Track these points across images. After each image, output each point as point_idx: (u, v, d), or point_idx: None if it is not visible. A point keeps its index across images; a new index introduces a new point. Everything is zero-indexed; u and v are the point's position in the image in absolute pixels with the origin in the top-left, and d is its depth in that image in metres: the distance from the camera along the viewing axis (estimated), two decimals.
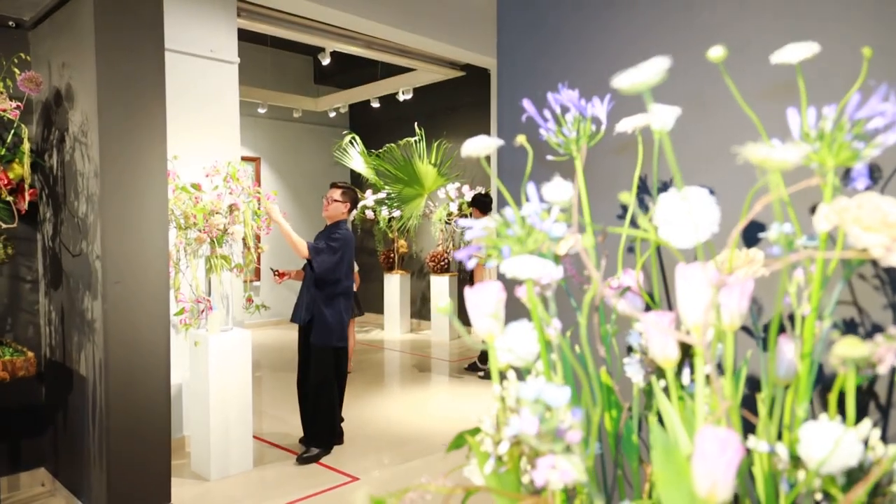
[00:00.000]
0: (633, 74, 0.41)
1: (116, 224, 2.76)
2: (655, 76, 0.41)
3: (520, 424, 0.42)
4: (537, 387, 0.43)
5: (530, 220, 0.56)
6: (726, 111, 0.91)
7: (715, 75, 0.90)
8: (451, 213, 7.79)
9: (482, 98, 7.75)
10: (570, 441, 0.43)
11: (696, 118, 0.95)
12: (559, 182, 0.55)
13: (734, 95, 0.62)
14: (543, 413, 0.43)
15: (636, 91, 0.43)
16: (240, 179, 3.49)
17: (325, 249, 3.70)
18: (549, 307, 0.62)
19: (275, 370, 6.46)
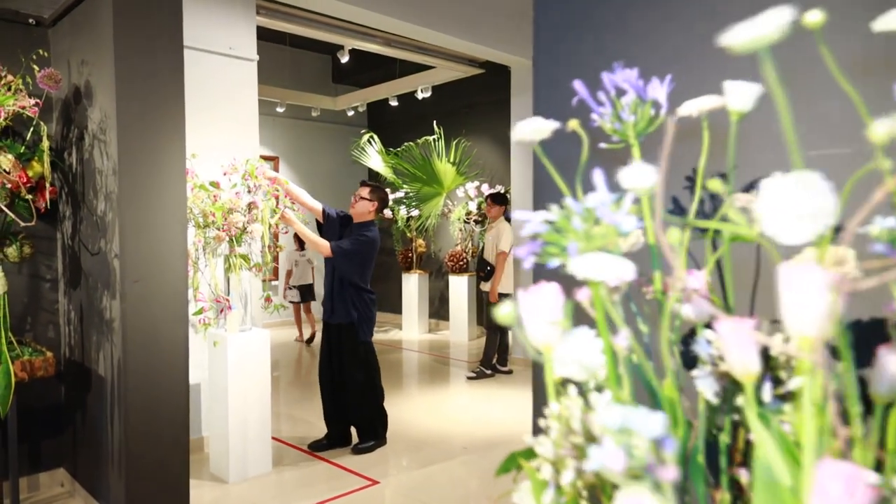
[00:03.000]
0: (750, 28, 0.34)
1: (135, 222, 2.72)
2: (777, 30, 0.33)
3: (603, 457, 0.34)
4: (622, 413, 0.36)
5: (598, 211, 0.48)
6: (808, 89, 0.82)
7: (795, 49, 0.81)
8: (469, 213, 7.71)
9: (502, 96, 7.65)
10: (662, 478, 0.35)
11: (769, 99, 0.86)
12: (639, 167, 0.47)
13: (828, 70, 0.53)
14: (629, 445, 0.35)
15: (751, 49, 0.35)
16: (258, 177, 3.44)
17: (350, 250, 3.65)
18: (614, 313, 0.55)
19: (292, 370, 6.43)
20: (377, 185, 3.99)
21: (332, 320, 3.82)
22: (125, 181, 2.70)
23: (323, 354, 3.93)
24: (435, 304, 8.98)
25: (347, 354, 3.79)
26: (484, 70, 7.19)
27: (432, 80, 7.46)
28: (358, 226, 3.86)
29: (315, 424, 4.44)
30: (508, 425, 4.55)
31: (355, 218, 3.88)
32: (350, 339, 3.78)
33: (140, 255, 2.73)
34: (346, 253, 3.67)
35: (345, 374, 3.80)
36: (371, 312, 3.83)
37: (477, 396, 5.39)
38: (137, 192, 2.73)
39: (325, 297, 3.91)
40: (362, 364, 3.78)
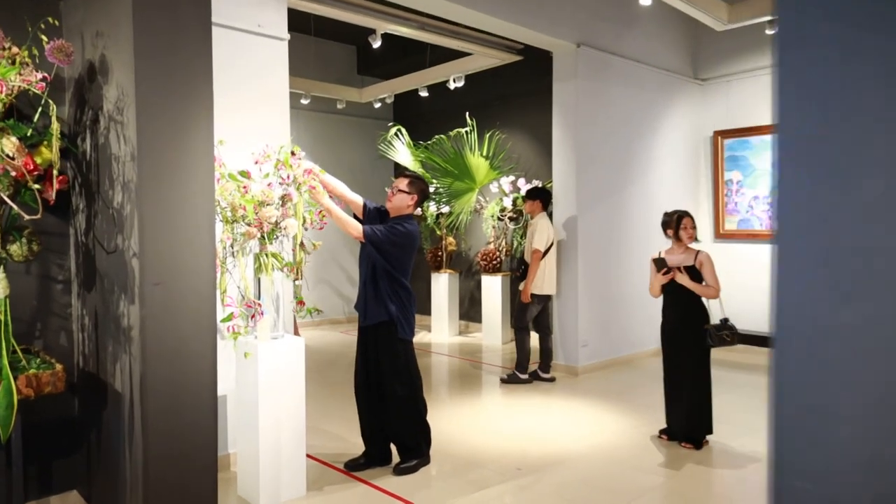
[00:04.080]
0: None
1: (156, 217, 2.36)
2: None
3: None
4: None
5: None
6: None
7: None
8: (504, 209, 7.30)
9: (540, 84, 7.22)
10: None
11: None
12: None
13: None
14: None
15: None
16: (293, 166, 3.07)
17: (385, 237, 3.27)
18: None
19: (324, 378, 6.06)
20: (417, 175, 3.60)
21: (367, 322, 3.45)
22: (145, 169, 2.33)
23: (358, 363, 3.56)
24: (465, 304, 8.58)
25: (386, 358, 3.41)
26: (522, 57, 6.77)
27: (466, 69, 7.06)
28: (395, 219, 3.48)
29: (350, 440, 4.07)
30: (561, 441, 4.13)
31: (392, 212, 3.50)
32: (387, 338, 3.40)
33: (161, 254, 2.36)
34: (380, 239, 3.29)
35: (384, 386, 3.42)
36: (410, 310, 3.45)
37: (519, 407, 4.98)
38: (159, 182, 2.36)
39: (358, 298, 3.53)
40: (402, 372, 3.40)
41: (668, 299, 4.02)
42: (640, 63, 6.47)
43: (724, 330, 3.82)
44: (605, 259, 6.19)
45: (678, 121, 7.03)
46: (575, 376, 5.86)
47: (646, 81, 6.58)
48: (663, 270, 3.88)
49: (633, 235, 6.50)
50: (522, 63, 7.00)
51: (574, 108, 5.84)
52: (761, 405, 4.90)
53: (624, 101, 6.34)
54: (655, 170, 6.76)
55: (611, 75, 6.18)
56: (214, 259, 2.49)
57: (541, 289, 5.68)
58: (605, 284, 6.20)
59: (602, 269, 6.16)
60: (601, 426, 4.46)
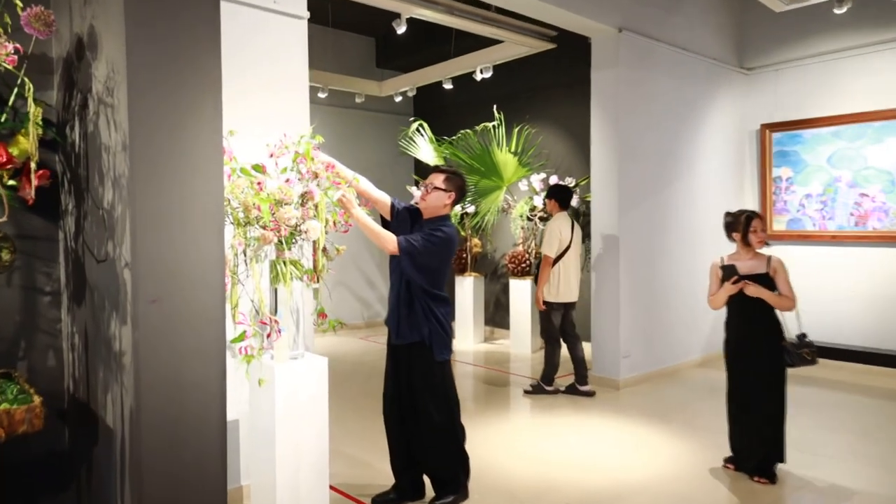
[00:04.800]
0: None
1: (152, 218, 1.94)
2: None
3: None
4: None
5: None
6: None
7: None
8: (534, 208, 6.84)
9: (574, 75, 6.76)
10: None
11: None
12: None
13: None
14: None
15: None
16: (314, 159, 2.64)
17: (422, 247, 2.85)
18: None
19: (344, 390, 5.63)
20: (454, 170, 3.17)
21: (399, 341, 3.02)
22: (139, 160, 1.91)
23: (388, 385, 3.14)
24: (490, 309, 8.14)
25: (420, 382, 2.99)
26: (555, 45, 6.30)
27: (494, 58, 6.61)
28: (430, 222, 3.06)
29: (376, 466, 3.65)
30: (611, 471, 3.68)
31: (426, 213, 3.08)
32: (422, 360, 2.98)
33: (159, 265, 1.94)
34: (417, 250, 2.86)
35: (418, 412, 2.99)
36: (447, 326, 3.02)
37: (558, 426, 4.53)
38: (156, 177, 1.94)
39: (388, 313, 3.11)
40: (439, 396, 2.97)
41: (735, 311, 3.54)
42: (683, 50, 5.99)
43: (804, 347, 3.35)
44: (647, 262, 5.72)
45: (722, 113, 6.53)
46: (616, 390, 5.39)
47: (688, 70, 6.09)
48: (733, 279, 3.41)
49: (675, 237, 6.02)
50: (554, 52, 6.54)
51: (615, 98, 5.37)
52: (838, 427, 4.40)
53: (666, 92, 5.85)
54: (698, 166, 6.27)
55: (653, 63, 5.70)
56: (224, 269, 2.06)
57: (556, 296, 5.23)
58: (647, 290, 5.73)
59: (644, 273, 5.69)
60: (654, 452, 4.00)
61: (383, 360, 3.10)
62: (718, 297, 3.53)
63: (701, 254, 6.26)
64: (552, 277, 5.23)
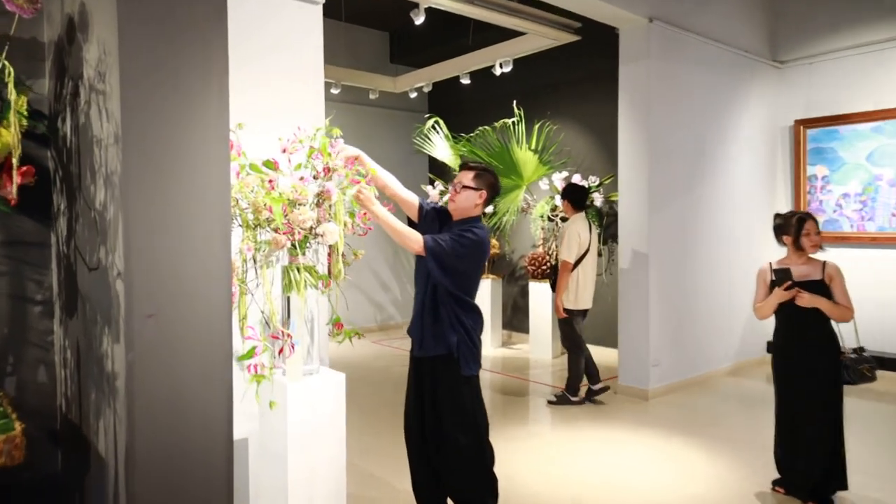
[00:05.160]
0: None
1: (149, 220, 1.69)
2: None
3: None
4: None
5: None
6: None
7: None
8: (555, 208, 6.56)
9: (598, 69, 6.48)
10: None
11: None
12: None
13: None
14: None
15: None
16: (331, 155, 2.39)
17: (450, 249, 2.58)
18: None
19: (358, 398, 5.37)
20: (484, 166, 2.90)
21: (422, 353, 2.76)
22: (133, 155, 1.66)
23: (410, 401, 2.87)
24: (507, 312, 7.87)
25: (445, 400, 2.72)
26: (579, 37, 6.02)
27: (515, 52, 6.33)
28: (460, 223, 2.79)
29: (395, 485, 3.39)
30: (647, 493, 3.40)
31: (456, 215, 2.81)
32: (448, 375, 2.71)
33: (156, 274, 1.69)
34: (444, 251, 2.60)
35: (443, 432, 2.73)
36: (476, 337, 2.76)
37: (585, 441, 4.25)
38: (152, 173, 1.69)
39: (412, 322, 2.85)
40: (466, 415, 2.70)
41: (786, 321, 3.25)
42: (714, 42, 5.68)
43: (864, 363, 3.05)
44: (677, 264, 5.43)
45: (753, 109, 6.22)
46: (644, 401, 5.10)
47: (719, 63, 5.79)
48: (786, 285, 3.12)
49: (705, 238, 5.72)
50: (577, 45, 6.26)
51: (645, 92, 5.08)
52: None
53: (696, 86, 5.56)
54: (729, 165, 5.97)
55: (683, 56, 5.41)
56: (230, 278, 1.81)
57: (575, 303, 4.96)
58: (678, 294, 5.43)
59: (674, 277, 5.39)
60: (692, 471, 3.71)
61: (397, 366, 2.86)
62: (767, 304, 3.24)
63: (731, 256, 5.96)
64: (570, 283, 4.96)
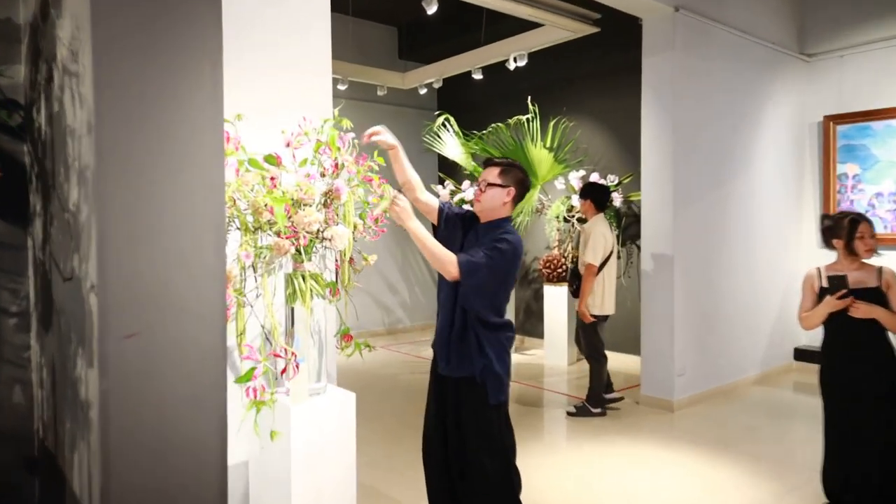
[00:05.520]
0: None
1: (128, 223, 1.43)
2: None
3: None
4: None
5: None
6: None
7: None
8: (571, 208, 6.29)
9: (617, 63, 6.21)
10: None
11: None
12: None
13: None
14: None
15: None
16: (340, 149, 2.13)
17: (486, 266, 2.32)
18: None
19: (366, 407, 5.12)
20: (510, 161, 2.64)
21: (448, 372, 2.49)
22: (109, 146, 1.40)
23: (431, 421, 2.61)
24: (520, 316, 7.60)
25: (470, 426, 2.46)
26: (598, 29, 5.75)
27: (530, 45, 6.07)
28: (488, 227, 2.53)
29: None
30: None
31: (483, 216, 2.55)
32: (473, 401, 2.45)
33: (136, 287, 1.43)
34: (480, 270, 2.33)
35: (467, 459, 2.47)
36: (507, 361, 2.50)
37: (609, 457, 3.98)
38: (132, 167, 1.43)
39: (437, 337, 2.58)
40: (493, 441, 2.44)
41: (836, 333, 2.98)
42: (741, 33, 5.40)
43: None
44: (703, 268, 5.15)
45: (780, 104, 5.93)
46: (669, 412, 4.83)
47: (745, 56, 5.51)
48: (839, 293, 2.84)
49: (731, 240, 5.44)
50: (595, 38, 5.99)
51: (670, 86, 4.81)
52: None
53: (723, 80, 5.28)
54: (756, 162, 5.68)
55: (709, 48, 5.13)
56: (224, 291, 1.56)
57: (601, 308, 4.69)
58: (704, 299, 5.15)
59: (700, 280, 5.11)
60: (725, 491, 3.44)
61: (405, 373, 2.60)
62: (816, 314, 2.97)
63: (756, 257, 5.68)
64: (596, 287, 4.69)
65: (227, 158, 1.98)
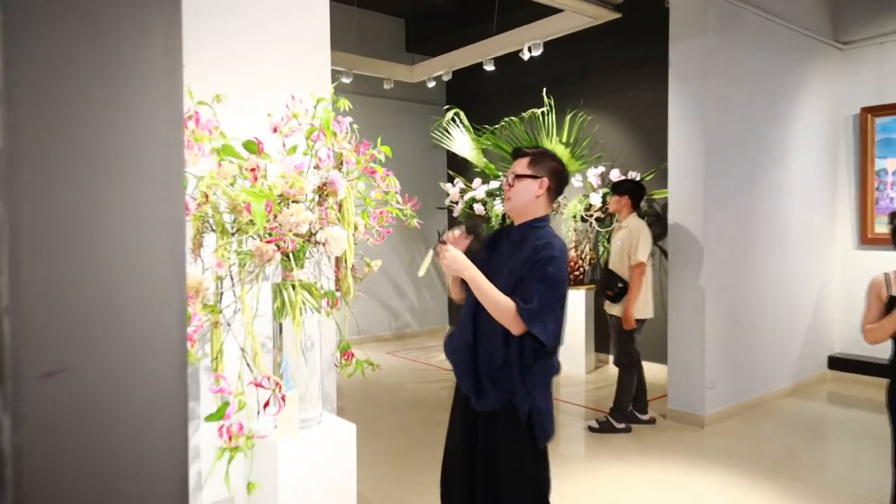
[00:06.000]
0: None
1: (52, 225, 1.08)
2: None
3: None
4: None
5: None
6: None
7: None
8: (590, 207, 5.92)
9: (639, 51, 5.84)
10: None
11: None
12: None
13: None
14: None
15: None
16: (336, 134, 1.78)
17: (548, 305, 1.94)
18: None
19: (371, 426, 4.78)
20: (541, 148, 2.27)
21: (479, 405, 2.10)
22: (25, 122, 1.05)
23: (455, 457, 2.22)
24: None
25: (509, 469, 2.05)
26: (620, 14, 5.38)
27: (547, 33, 5.70)
28: (523, 231, 2.14)
29: None
30: None
31: (516, 216, 2.18)
32: (518, 443, 2.05)
33: (63, 309, 1.09)
34: (546, 314, 1.94)
35: (499, 497, 2.09)
36: (550, 388, 2.12)
37: (639, 481, 3.61)
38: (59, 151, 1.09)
39: (456, 354, 2.16)
40: (529, 486, 2.07)
41: None
42: (775, 18, 5.01)
43: None
44: (735, 271, 4.77)
45: (813, 94, 5.54)
46: (700, 429, 4.45)
47: (778, 43, 5.12)
48: None
49: (765, 241, 5.06)
50: (615, 25, 5.61)
51: (700, 74, 4.43)
52: None
53: (755, 68, 4.90)
54: (789, 158, 5.29)
55: (741, 34, 4.75)
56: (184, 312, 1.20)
57: (643, 311, 4.33)
58: (736, 305, 4.78)
59: (732, 285, 4.74)
60: None
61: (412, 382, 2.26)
62: (884, 327, 2.59)
63: (789, 259, 5.29)
64: (647, 280, 4.37)
65: (202, 145, 1.63)
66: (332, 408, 2.38)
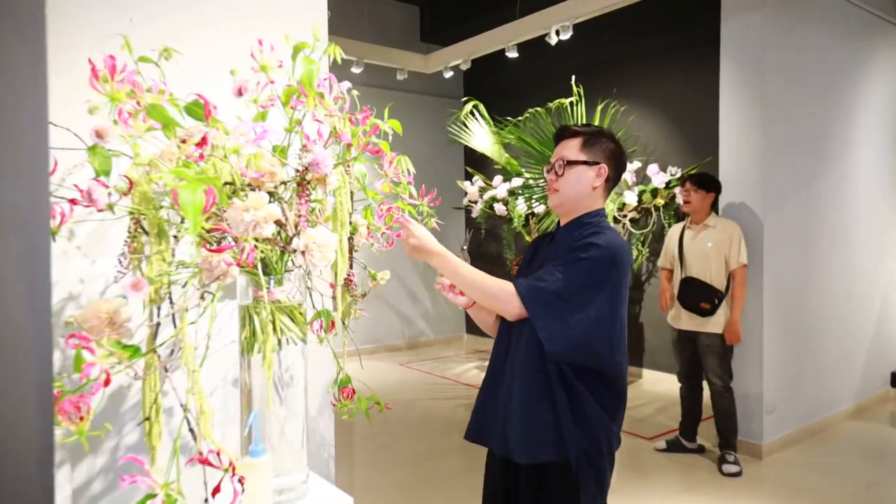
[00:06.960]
0: None
1: None
2: None
3: None
4: None
5: None
6: None
7: None
8: (624, 206, 5.37)
9: (678, 35, 5.29)
10: None
11: None
12: None
13: None
14: None
15: None
16: (328, 101, 1.27)
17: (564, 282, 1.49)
18: None
19: (378, 458, 4.27)
20: (594, 128, 1.76)
21: (514, 456, 1.59)
22: None
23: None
24: None
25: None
26: None
27: (576, 14, 5.16)
28: (570, 230, 1.66)
29: None
30: None
31: (563, 212, 1.70)
32: (569, 498, 1.56)
33: None
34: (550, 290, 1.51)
35: None
36: (610, 439, 1.61)
37: None
38: None
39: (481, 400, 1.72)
40: None
41: None
42: None
43: None
44: (797, 281, 4.20)
45: (879, 82, 4.94)
46: (758, 460, 3.89)
47: (843, 22, 4.55)
48: None
49: (827, 247, 4.48)
50: (653, 4, 5.06)
51: (759, 53, 3.88)
52: None
53: (818, 51, 4.33)
54: (853, 153, 4.71)
55: (803, 10, 4.18)
56: (51, 360, 0.69)
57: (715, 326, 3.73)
58: (798, 319, 4.20)
59: (793, 297, 4.17)
60: None
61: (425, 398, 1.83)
62: None
63: (852, 267, 4.70)
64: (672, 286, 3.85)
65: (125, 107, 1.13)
66: (328, 455, 1.87)
